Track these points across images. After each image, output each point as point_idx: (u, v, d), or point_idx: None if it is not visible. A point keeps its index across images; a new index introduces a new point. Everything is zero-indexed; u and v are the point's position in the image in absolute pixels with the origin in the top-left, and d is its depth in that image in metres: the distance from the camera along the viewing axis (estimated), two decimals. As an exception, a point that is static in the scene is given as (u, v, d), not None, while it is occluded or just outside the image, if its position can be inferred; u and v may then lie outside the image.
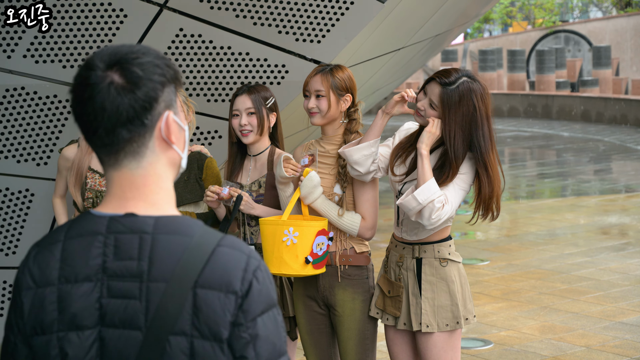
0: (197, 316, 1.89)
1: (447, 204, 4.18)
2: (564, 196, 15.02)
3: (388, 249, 4.58)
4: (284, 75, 5.94)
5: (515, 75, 30.24)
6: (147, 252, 1.92)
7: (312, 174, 4.50)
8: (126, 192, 1.97)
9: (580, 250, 10.44)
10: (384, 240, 10.62)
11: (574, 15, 46.93)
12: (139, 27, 5.73)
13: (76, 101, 1.95)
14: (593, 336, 7.28)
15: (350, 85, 4.59)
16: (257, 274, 1.94)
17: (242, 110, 4.82)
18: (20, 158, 5.82)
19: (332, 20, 5.86)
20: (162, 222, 1.95)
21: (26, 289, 1.97)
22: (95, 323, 1.92)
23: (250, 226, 4.85)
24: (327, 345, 4.72)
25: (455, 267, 4.42)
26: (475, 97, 4.22)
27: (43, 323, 1.94)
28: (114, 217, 1.96)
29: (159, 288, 1.90)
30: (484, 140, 4.22)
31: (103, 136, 1.94)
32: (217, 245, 1.94)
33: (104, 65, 1.93)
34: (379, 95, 11.91)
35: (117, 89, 1.91)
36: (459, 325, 4.38)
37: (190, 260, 1.91)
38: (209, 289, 1.90)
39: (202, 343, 1.90)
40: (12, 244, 5.95)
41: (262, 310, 1.93)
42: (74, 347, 1.92)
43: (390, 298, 4.47)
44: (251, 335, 1.91)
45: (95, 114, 1.92)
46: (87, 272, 1.93)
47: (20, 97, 5.74)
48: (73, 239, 1.96)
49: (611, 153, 20.08)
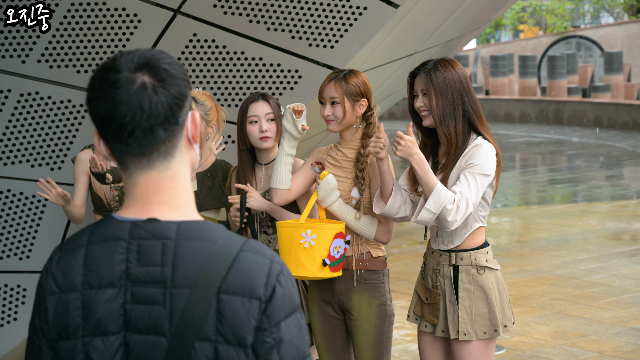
0: (221, 322, 1.90)
1: (462, 202, 4.13)
2: (575, 202, 14.99)
3: (425, 256, 4.55)
4: (297, 80, 5.95)
5: (526, 81, 30.19)
6: (170, 258, 1.92)
7: (329, 177, 4.50)
8: (151, 195, 1.97)
9: (592, 256, 10.42)
10: (396, 246, 10.62)
11: (585, 21, 46.84)
12: (153, 32, 5.75)
13: (106, 105, 1.92)
14: (605, 342, 7.27)
15: (364, 90, 4.59)
16: (280, 279, 1.94)
17: (262, 116, 4.81)
18: (35, 163, 5.84)
19: (345, 25, 5.87)
20: (185, 228, 1.95)
21: (50, 294, 1.97)
22: (119, 328, 1.93)
23: (268, 234, 4.86)
24: (342, 350, 4.72)
25: (493, 274, 4.38)
26: (453, 67, 4.32)
27: (68, 328, 1.95)
28: (136, 222, 1.96)
29: (183, 294, 1.91)
30: (473, 107, 4.31)
31: (140, 137, 1.93)
32: (240, 250, 1.94)
33: (133, 67, 1.93)
34: (391, 101, 11.92)
35: (152, 88, 1.92)
36: (497, 333, 4.34)
37: (214, 265, 1.91)
38: (233, 295, 1.91)
39: (226, 348, 1.90)
40: (26, 248, 5.97)
41: (286, 315, 1.94)
42: (99, 352, 1.93)
43: (428, 305, 4.45)
44: (275, 340, 1.92)
45: (133, 114, 1.91)
46: (111, 278, 1.94)
47: (35, 102, 5.76)
48: (96, 244, 1.97)
49: (623, 159, 20.04)
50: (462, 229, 4.34)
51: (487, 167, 4.24)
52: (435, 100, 4.27)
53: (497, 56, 31.12)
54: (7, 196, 5.90)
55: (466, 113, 4.29)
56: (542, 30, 43.10)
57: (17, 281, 6.02)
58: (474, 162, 4.22)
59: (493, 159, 4.27)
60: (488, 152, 4.26)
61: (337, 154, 4.66)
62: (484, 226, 4.42)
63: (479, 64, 35.58)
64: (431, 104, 4.28)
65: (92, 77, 1.97)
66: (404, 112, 29.21)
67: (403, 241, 10.99)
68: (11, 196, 5.90)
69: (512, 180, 17.56)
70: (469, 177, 4.20)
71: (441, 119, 4.27)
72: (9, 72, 5.69)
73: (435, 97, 4.27)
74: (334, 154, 4.67)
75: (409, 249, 10.60)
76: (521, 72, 30.54)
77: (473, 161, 4.22)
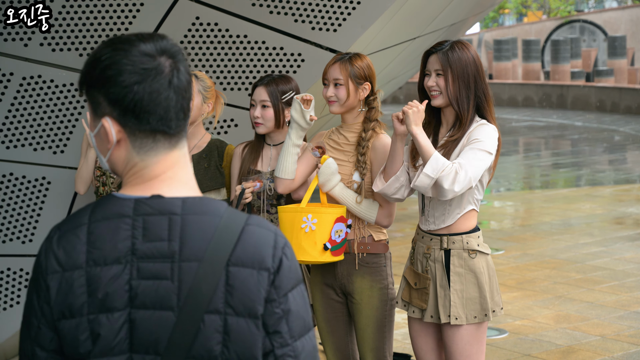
0: (230, 294, 1.93)
1: (461, 171, 4.11)
2: (578, 186, 14.98)
3: (414, 241, 4.53)
4: (300, 64, 5.94)
5: (530, 65, 30.16)
6: (177, 233, 1.95)
7: (330, 161, 4.50)
8: (167, 172, 2.02)
9: (595, 240, 10.42)
10: (399, 230, 10.63)
11: (589, 5, 46.74)
12: (156, 15, 5.73)
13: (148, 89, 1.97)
14: (608, 326, 7.28)
15: (368, 73, 4.59)
16: (285, 251, 2.00)
17: (258, 102, 4.85)
18: (37, 146, 5.84)
19: (348, 9, 5.86)
20: (190, 203, 1.98)
21: (52, 273, 1.97)
22: (125, 305, 1.94)
23: (270, 213, 4.87)
24: (344, 333, 4.73)
25: (484, 258, 4.37)
26: (469, 49, 4.33)
27: (72, 307, 1.95)
28: (140, 199, 1.98)
29: (192, 268, 1.94)
30: (485, 90, 4.32)
31: (181, 119, 2.01)
32: (246, 224, 1.99)
33: (157, 53, 1.98)
34: (394, 85, 11.91)
35: (178, 71, 1.99)
36: (486, 317, 4.34)
37: (222, 239, 1.95)
38: (242, 267, 1.95)
39: (236, 320, 1.93)
40: (29, 232, 5.98)
41: (293, 286, 1.99)
42: (104, 329, 1.94)
43: (417, 290, 4.44)
44: (284, 311, 1.96)
45: (177, 96, 1.98)
46: (116, 254, 1.95)
47: (37, 85, 5.76)
48: (99, 222, 1.98)
49: (626, 143, 20.03)
50: (456, 209, 4.34)
51: (490, 145, 4.24)
52: (452, 82, 4.27)
53: (500, 40, 31.08)
54: (9, 180, 5.90)
55: (477, 96, 4.30)
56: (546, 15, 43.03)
57: (20, 265, 6.03)
58: (478, 139, 4.22)
59: (495, 139, 4.27)
60: (491, 132, 4.27)
61: (338, 137, 4.66)
62: (477, 211, 4.42)
63: (482, 48, 35.53)
64: (447, 85, 4.28)
65: (125, 62, 1.97)
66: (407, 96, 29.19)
67: (405, 225, 10.99)
68: (14, 180, 5.90)
69: (516, 164, 17.55)
70: (471, 152, 4.20)
71: (457, 100, 4.27)
72: (11, 55, 5.69)
73: (453, 78, 4.27)
74: (336, 137, 4.67)
75: (412, 233, 10.57)
76: (525, 57, 30.51)
77: (477, 137, 4.23)
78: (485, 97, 4.32)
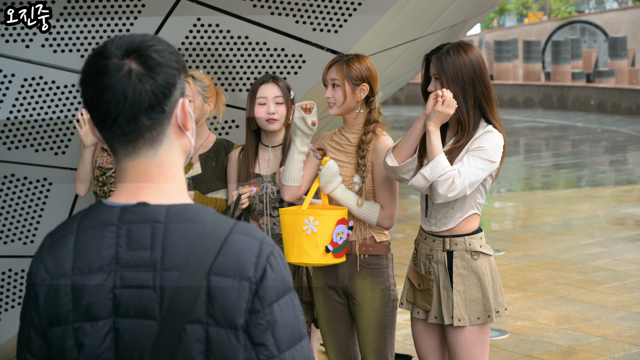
0: (211, 304, 1.90)
1: (457, 180, 4.13)
2: (579, 187, 14.99)
3: (416, 242, 4.54)
4: (301, 65, 5.94)
5: (530, 66, 30.16)
6: (159, 241, 1.92)
7: (331, 163, 4.50)
8: (140, 181, 1.98)
9: (595, 240, 10.42)
10: (400, 230, 10.63)
11: (589, 6, 46.74)
12: (157, 16, 5.74)
13: (92, 91, 1.94)
14: (609, 326, 7.28)
15: (367, 74, 4.58)
16: (270, 260, 1.94)
17: (270, 99, 4.83)
18: (39, 147, 5.84)
19: (349, 10, 5.86)
20: (174, 211, 1.95)
21: (41, 281, 1.97)
22: (109, 313, 1.93)
23: (273, 216, 4.86)
24: (346, 334, 4.73)
25: (487, 259, 4.39)
26: (467, 52, 4.30)
27: (58, 314, 1.95)
28: (126, 207, 1.96)
29: (173, 277, 1.90)
30: (485, 93, 4.30)
31: (124, 125, 1.94)
32: (230, 233, 1.94)
33: (120, 54, 1.94)
34: (395, 86, 11.90)
35: (137, 76, 1.92)
36: (490, 318, 4.35)
37: (204, 248, 1.91)
38: (223, 277, 1.90)
39: (217, 330, 1.90)
40: (30, 233, 5.98)
41: (278, 296, 1.93)
42: (89, 337, 1.93)
43: (421, 291, 4.45)
44: (269, 322, 1.92)
45: (116, 102, 1.92)
46: (100, 263, 1.93)
47: (39, 86, 5.76)
48: (86, 230, 1.97)
49: (627, 144, 20.02)
50: (458, 212, 4.35)
51: (494, 154, 4.25)
52: (447, 86, 4.27)
53: (501, 41, 31.08)
54: (10, 181, 5.90)
55: (477, 99, 4.29)
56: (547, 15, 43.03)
57: (21, 266, 6.03)
58: (482, 147, 4.23)
59: (500, 148, 4.28)
60: (497, 140, 4.27)
61: (340, 138, 4.66)
62: (479, 214, 4.43)
63: (483, 49, 35.53)
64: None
65: (85, 61, 1.99)
66: (408, 97, 29.21)
67: (407, 226, 11.00)
68: (15, 181, 5.91)
69: (517, 165, 17.55)
70: (472, 159, 4.21)
71: None
72: (13, 56, 5.69)
73: (447, 82, 4.27)
74: (338, 138, 4.67)
75: (413, 234, 10.58)
76: (525, 57, 30.51)
77: (482, 145, 4.24)
78: (487, 99, 4.32)
